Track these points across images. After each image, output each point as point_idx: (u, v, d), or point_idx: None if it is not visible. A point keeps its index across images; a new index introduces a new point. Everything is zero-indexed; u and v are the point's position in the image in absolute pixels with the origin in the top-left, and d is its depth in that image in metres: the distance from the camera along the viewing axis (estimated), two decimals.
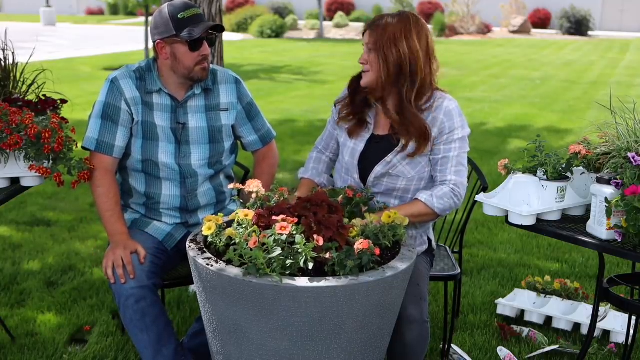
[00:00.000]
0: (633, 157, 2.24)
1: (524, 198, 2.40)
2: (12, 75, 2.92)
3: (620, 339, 3.20)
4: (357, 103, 2.58)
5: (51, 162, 2.58)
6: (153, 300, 2.53)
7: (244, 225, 2.09)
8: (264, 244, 1.98)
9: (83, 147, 2.68)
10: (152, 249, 2.64)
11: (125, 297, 2.49)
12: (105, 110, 2.65)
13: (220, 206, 2.86)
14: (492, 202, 2.49)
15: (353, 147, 2.58)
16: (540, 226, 2.42)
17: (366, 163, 2.55)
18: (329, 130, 2.74)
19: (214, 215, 2.21)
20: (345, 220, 2.25)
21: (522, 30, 26.82)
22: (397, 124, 2.48)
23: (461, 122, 2.52)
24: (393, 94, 2.48)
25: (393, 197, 2.55)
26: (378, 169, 2.52)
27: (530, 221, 2.41)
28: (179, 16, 2.56)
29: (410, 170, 2.51)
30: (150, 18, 14.66)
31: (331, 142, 2.74)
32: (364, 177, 2.56)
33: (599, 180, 2.30)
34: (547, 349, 3.15)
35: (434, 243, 2.74)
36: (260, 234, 2.02)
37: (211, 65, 2.78)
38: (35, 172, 2.53)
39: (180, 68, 2.62)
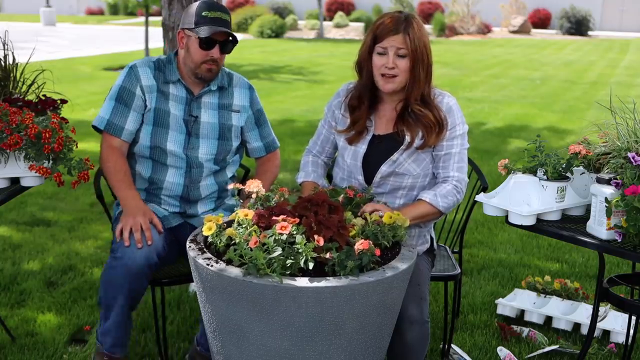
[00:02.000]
0: (633, 157, 2.24)
1: (524, 198, 2.40)
2: (12, 75, 2.92)
3: (620, 339, 3.20)
4: (360, 112, 2.56)
5: (51, 162, 2.58)
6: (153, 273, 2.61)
7: (244, 225, 2.09)
8: (264, 244, 1.98)
9: (93, 126, 2.75)
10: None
11: (138, 263, 2.50)
12: (120, 93, 2.72)
13: (220, 202, 2.89)
14: (492, 202, 2.49)
15: (355, 150, 2.57)
16: (540, 226, 2.42)
17: (370, 164, 2.55)
18: (323, 134, 2.73)
19: (214, 216, 2.22)
20: (349, 215, 2.25)
21: (522, 30, 26.83)
22: (425, 113, 2.47)
23: (461, 118, 2.55)
24: (416, 90, 2.47)
25: (398, 196, 2.55)
26: (384, 168, 2.51)
27: (530, 221, 2.41)
28: (203, 13, 2.65)
29: (415, 168, 2.51)
30: (150, 18, 14.68)
31: (327, 145, 2.73)
32: (368, 178, 2.55)
33: (599, 180, 2.31)
34: (547, 349, 3.15)
35: (435, 242, 2.74)
36: (260, 234, 2.03)
37: (227, 69, 2.88)
38: (35, 172, 2.53)
39: (189, 61, 2.71)
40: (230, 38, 2.69)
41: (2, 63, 2.90)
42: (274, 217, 2.08)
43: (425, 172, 2.54)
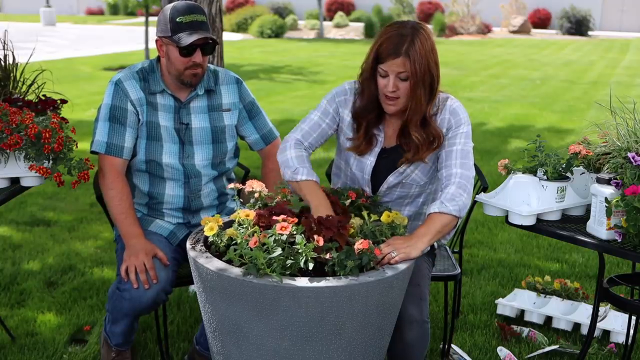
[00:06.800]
0: (633, 157, 2.24)
1: (524, 198, 2.40)
2: (12, 75, 2.92)
3: (620, 339, 3.20)
4: (369, 126, 2.49)
5: (51, 162, 2.58)
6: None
7: (244, 226, 2.09)
8: (264, 244, 1.98)
9: (92, 152, 2.66)
10: (164, 249, 2.65)
11: (145, 303, 2.52)
12: (112, 113, 2.64)
13: (222, 207, 2.86)
14: (492, 202, 2.49)
15: (362, 162, 2.51)
16: (540, 226, 2.42)
17: (377, 174, 2.52)
18: (322, 128, 2.54)
19: (212, 217, 2.21)
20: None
21: (522, 30, 26.82)
22: (421, 139, 2.40)
23: (466, 119, 2.48)
24: (418, 112, 2.40)
25: (404, 204, 2.55)
26: (391, 179, 2.49)
27: (530, 221, 2.41)
28: (177, 19, 2.57)
29: (422, 177, 2.50)
30: (150, 18, 14.68)
31: (322, 140, 2.56)
32: (374, 187, 2.53)
33: (599, 180, 2.31)
34: (547, 349, 3.15)
35: (435, 244, 2.73)
36: (260, 234, 2.03)
37: (212, 66, 2.80)
38: (35, 172, 2.53)
39: (172, 69, 2.63)
40: (210, 40, 2.60)
41: (2, 63, 2.90)
42: (274, 217, 2.08)
43: (432, 180, 2.53)
